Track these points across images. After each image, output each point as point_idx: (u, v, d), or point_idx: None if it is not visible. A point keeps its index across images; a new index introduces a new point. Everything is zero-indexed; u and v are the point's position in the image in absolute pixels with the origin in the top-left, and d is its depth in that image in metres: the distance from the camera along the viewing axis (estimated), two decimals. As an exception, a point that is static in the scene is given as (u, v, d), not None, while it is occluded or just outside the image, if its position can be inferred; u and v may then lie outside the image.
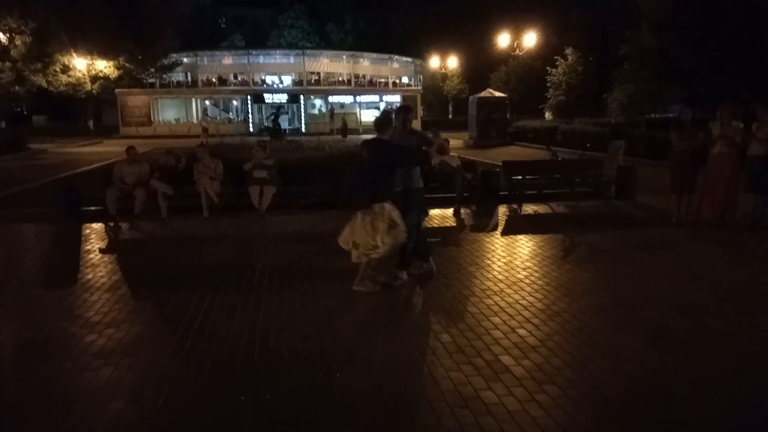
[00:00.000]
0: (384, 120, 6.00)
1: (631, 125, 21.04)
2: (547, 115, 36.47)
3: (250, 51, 49.78)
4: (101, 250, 7.93)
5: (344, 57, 50.30)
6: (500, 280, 6.10)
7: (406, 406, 3.58)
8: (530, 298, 5.51)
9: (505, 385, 3.75)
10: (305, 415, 3.48)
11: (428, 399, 3.61)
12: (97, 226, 9.58)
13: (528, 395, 3.62)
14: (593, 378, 3.85)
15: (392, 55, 52.39)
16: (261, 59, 49.10)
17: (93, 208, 10.17)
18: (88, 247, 8.13)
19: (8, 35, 28.08)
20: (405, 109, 6.50)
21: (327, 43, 59.92)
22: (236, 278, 6.29)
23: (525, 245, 7.83)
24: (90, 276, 6.58)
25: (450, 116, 51.21)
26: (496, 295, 5.62)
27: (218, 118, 48.05)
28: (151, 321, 5.08)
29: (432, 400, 3.60)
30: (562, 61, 36.54)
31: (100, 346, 4.51)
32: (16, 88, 30.36)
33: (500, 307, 5.27)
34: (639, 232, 8.60)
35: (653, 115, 27.49)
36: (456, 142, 29.61)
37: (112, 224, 9.62)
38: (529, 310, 5.17)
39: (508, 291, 5.74)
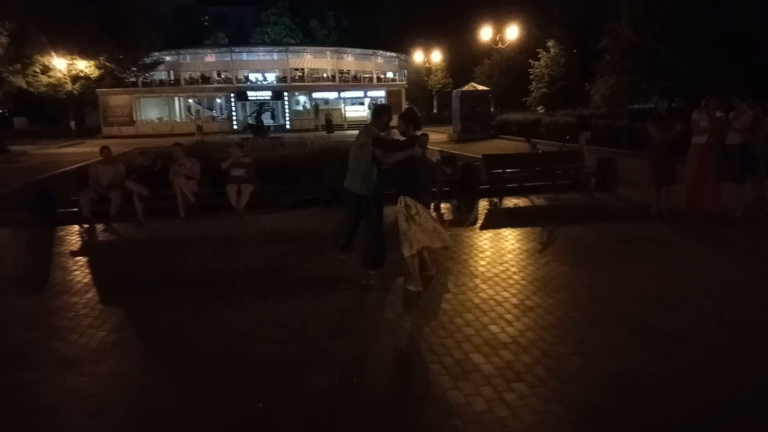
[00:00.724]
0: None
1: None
2: (540, 108, 36.30)
3: (233, 48, 49.47)
4: (73, 254, 7.78)
5: (328, 53, 50.13)
6: (476, 276, 6.04)
7: (368, 407, 3.50)
8: (505, 293, 5.44)
9: (473, 384, 3.68)
10: (270, 417, 3.40)
11: (392, 399, 3.54)
12: (72, 228, 9.41)
13: (496, 394, 3.55)
14: (565, 376, 3.79)
15: (376, 51, 52.30)
16: (244, 56, 48.83)
17: (68, 210, 9.99)
18: (60, 251, 7.97)
19: (-16, 37, 27.61)
20: (388, 110, 6.07)
21: (311, 39, 59.63)
22: (209, 281, 6.18)
23: (503, 239, 7.77)
24: (59, 281, 6.44)
25: (435, 111, 51.08)
26: (470, 291, 5.55)
27: (202, 116, 47.65)
28: (117, 327, 4.95)
29: (396, 400, 3.53)
30: (544, 53, 36.56)
31: (63, 353, 4.39)
32: (-5, 90, 29.89)
33: (474, 303, 5.20)
34: (618, 225, 8.56)
35: (636, 107, 27.55)
36: (440, 136, 29.58)
37: (87, 227, 9.46)
38: (502, 306, 5.10)
39: (483, 286, 5.67)
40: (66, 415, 3.50)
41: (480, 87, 30.57)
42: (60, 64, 35.60)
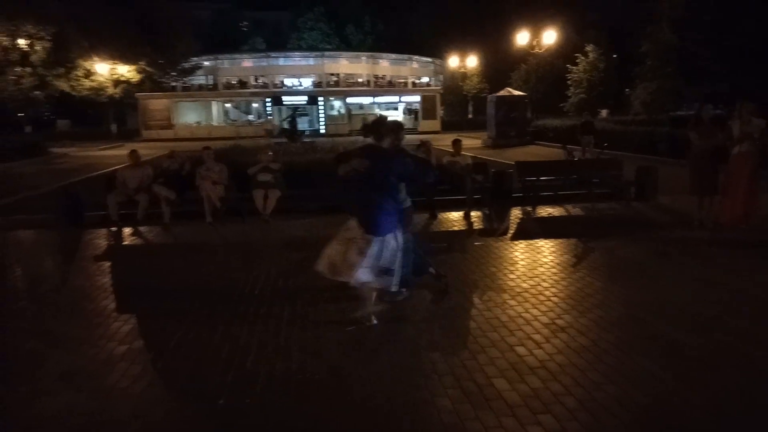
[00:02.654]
0: (386, 125, 5.14)
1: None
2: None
3: (270, 54, 49.94)
4: (95, 258, 7.73)
5: (363, 58, 50.15)
6: (504, 290, 5.71)
7: (382, 437, 3.24)
8: (534, 311, 5.11)
9: (495, 415, 3.38)
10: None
11: (404, 427, 3.26)
12: (99, 232, 9.40)
13: (519, 427, 3.24)
14: (596, 407, 3.45)
15: (411, 56, 52.09)
16: (281, 62, 49.22)
17: (96, 213, 10.01)
18: (83, 255, 7.94)
19: (28, 41, 28.39)
20: (399, 127, 5.45)
21: (346, 44, 59.78)
22: (228, 289, 6.01)
23: (535, 251, 7.41)
24: (77, 286, 6.36)
25: (470, 116, 50.58)
26: (497, 307, 5.22)
27: (238, 120, 48.20)
28: (128, 338, 4.78)
29: (409, 428, 3.24)
30: (582, 58, 35.73)
31: (68, 365, 4.25)
32: (36, 93, 30.72)
33: (500, 321, 4.88)
34: (657, 237, 8.10)
35: (678, 113, 26.67)
36: (474, 141, 29.17)
37: (114, 230, 9.45)
38: (531, 325, 4.77)
39: (511, 302, 5.34)
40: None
41: (516, 92, 30.04)
42: (102, 69, 36.42)
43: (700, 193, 8.41)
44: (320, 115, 45.93)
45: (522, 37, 28.62)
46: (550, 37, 28.00)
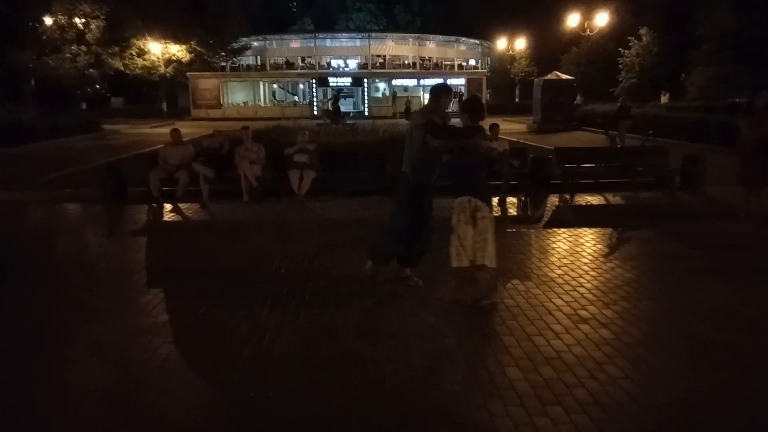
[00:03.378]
0: (483, 105, 5.19)
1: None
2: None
3: (317, 35, 50.17)
4: (133, 233, 7.98)
5: (410, 40, 49.82)
6: (529, 278, 5.61)
7: (381, 420, 3.23)
8: (558, 301, 5.00)
9: (504, 404, 3.33)
10: (280, 425, 3.21)
11: (412, 416, 3.25)
12: (141, 207, 9.69)
13: (527, 417, 3.19)
14: (610, 403, 3.35)
15: (459, 38, 51.44)
16: (328, 43, 49.41)
17: (139, 189, 10.31)
18: (122, 230, 8.22)
19: (83, 20, 29.28)
20: (447, 90, 5.29)
21: (394, 25, 59.45)
22: (256, 268, 6.10)
23: (567, 240, 7.24)
24: (112, 260, 6.58)
25: (517, 100, 49.66)
26: (520, 295, 5.13)
27: (284, 101, 48.68)
28: (154, 312, 4.92)
29: (417, 417, 3.24)
30: (636, 41, 34.45)
31: (96, 337, 4.42)
32: (90, 71, 31.71)
33: (521, 309, 4.80)
34: (700, 229, 7.80)
35: (737, 100, 25.44)
36: (520, 126, 28.68)
37: (155, 206, 9.72)
38: (553, 315, 4.67)
39: (536, 291, 5.25)
40: (71, 407, 3.45)
41: (563, 76, 29.29)
42: (155, 48, 37.33)
43: (748, 185, 8.04)
44: (365, 97, 45.91)
45: (573, 20, 27.84)
46: (602, 19, 27.12)
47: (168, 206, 9.70)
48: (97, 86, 38.06)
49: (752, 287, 5.40)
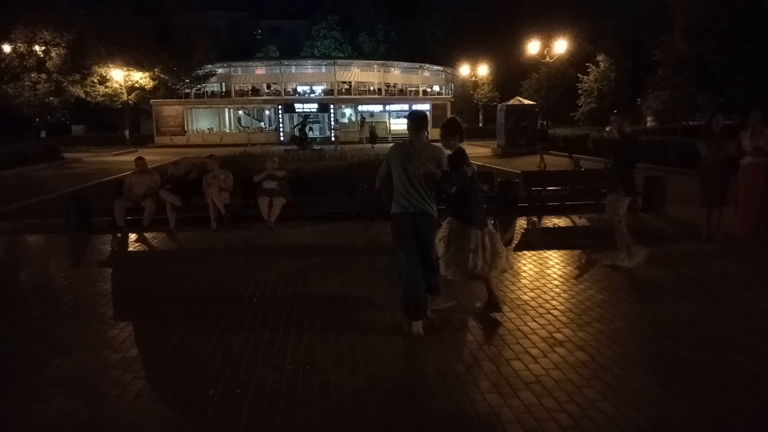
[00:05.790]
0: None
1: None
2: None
3: (282, 62, 50.22)
4: (99, 264, 7.77)
5: (375, 66, 50.29)
6: (503, 302, 5.64)
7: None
8: (533, 324, 5.04)
9: (485, 431, 3.32)
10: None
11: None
12: (105, 237, 9.45)
13: (509, 444, 3.19)
14: (589, 426, 3.37)
15: (423, 64, 52.21)
16: (293, 69, 49.45)
17: (103, 219, 10.07)
18: (88, 260, 7.98)
19: (43, 48, 28.81)
20: (425, 120, 5.36)
21: (359, 52, 60.02)
22: (227, 297, 6.00)
23: (538, 262, 7.33)
24: (78, 291, 6.37)
25: (480, 124, 50.58)
26: (495, 318, 5.16)
27: (250, 127, 48.50)
28: (124, 345, 4.77)
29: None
30: (593, 67, 35.60)
31: (65, 372, 4.25)
32: (51, 99, 31.12)
33: (498, 334, 4.82)
34: (664, 248, 7.99)
35: (691, 123, 26.42)
36: (484, 150, 29.12)
37: (120, 235, 9.50)
38: (529, 339, 4.70)
39: (510, 315, 5.28)
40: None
41: (526, 101, 29.99)
42: (117, 75, 36.86)
43: (708, 205, 8.30)
44: (331, 123, 46.06)
45: (533, 47, 28.59)
46: (561, 46, 27.94)
47: (133, 236, 9.49)
48: (57, 114, 37.35)
49: (719, 306, 5.53)
